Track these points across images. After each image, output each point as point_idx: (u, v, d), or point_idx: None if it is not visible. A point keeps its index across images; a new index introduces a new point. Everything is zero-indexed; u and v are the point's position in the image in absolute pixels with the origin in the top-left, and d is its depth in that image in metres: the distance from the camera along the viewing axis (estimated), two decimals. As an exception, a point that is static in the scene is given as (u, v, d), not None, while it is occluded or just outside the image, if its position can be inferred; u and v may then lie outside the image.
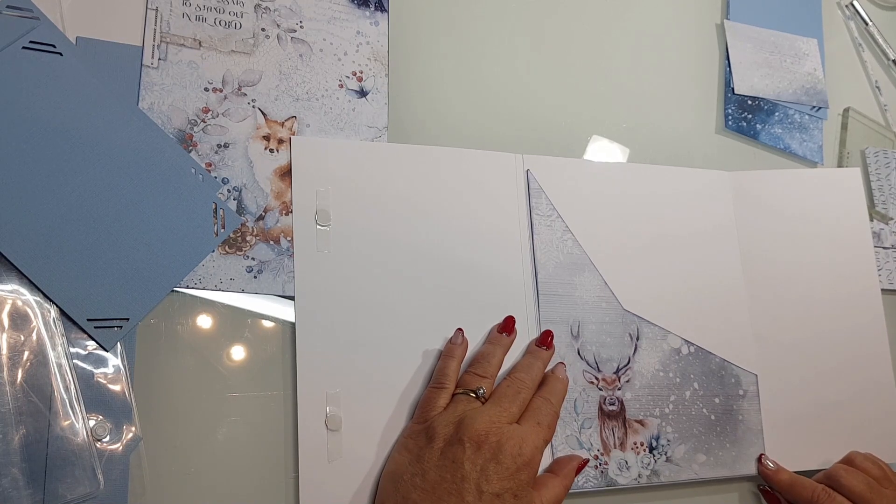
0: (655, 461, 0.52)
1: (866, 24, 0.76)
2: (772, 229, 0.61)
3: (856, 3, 0.76)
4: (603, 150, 0.60)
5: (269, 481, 0.44)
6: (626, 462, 0.51)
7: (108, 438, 0.41)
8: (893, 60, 0.76)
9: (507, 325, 0.50)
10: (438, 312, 0.50)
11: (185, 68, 0.48)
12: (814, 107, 0.69)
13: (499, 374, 0.48)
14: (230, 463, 0.44)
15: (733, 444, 0.54)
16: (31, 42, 0.44)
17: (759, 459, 0.54)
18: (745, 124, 0.66)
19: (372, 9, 0.54)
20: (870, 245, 0.62)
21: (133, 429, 0.42)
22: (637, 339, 0.54)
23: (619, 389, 0.52)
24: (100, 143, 0.45)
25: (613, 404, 0.52)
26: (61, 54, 0.45)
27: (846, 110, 0.71)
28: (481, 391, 0.45)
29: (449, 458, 0.41)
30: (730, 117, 0.66)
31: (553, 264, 0.53)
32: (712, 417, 0.54)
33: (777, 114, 0.68)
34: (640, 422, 0.52)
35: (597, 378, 0.52)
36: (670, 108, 0.64)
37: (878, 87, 0.75)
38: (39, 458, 0.39)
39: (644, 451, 0.52)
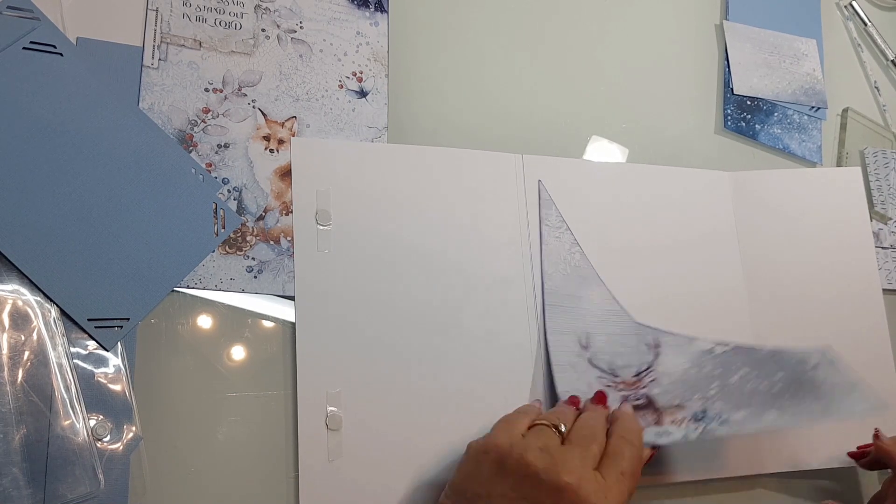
0: (706, 426, 0.45)
1: (865, 24, 0.76)
2: (772, 229, 0.61)
3: (855, 4, 0.76)
4: (603, 150, 0.60)
5: (269, 481, 0.44)
6: (668, 431, 0.45)
7: (108, 438, 0.41)
8: (892, 61, 0.76)
9: (575, 399, 0.47)
10: (438, 313, 0.50)
11: (186, 69, 0.48)
12: (813, 107, 0.69)
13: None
14: (230, 463, 0.44)
15: (817, 399, 0.47)
16: (31, 42, 0.44)
17: (876, 434, 0.53)
18: (744, 124, 0.67)
19: (372, 9, 0.54)
20: (871, 244, 0.62)
21: (133, 428, 0.42)
22: (657, 346, 0.51)
23: (643, 389, 0.48)
24: (100, 143, 0.45)
25: (639, 399, 0.47)
26: (62, 55, 0.45)
27: (845, 110, 0.71)
28: (563, 428, 0.42)
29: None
30: (729, 117, 0.66)
31: (560, 276, 0.52)
32: (774, 390, 0.47)
33: (776, 114, 0.68)
34: (678, 406, 0.47)
35: (615, 382, 0.49)
36: (670, 108, 0.65)
37: (877, 88, 0.75)
38: (40, 458, 0.39)
39: (687, 422, 0.45)
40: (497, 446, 0.41)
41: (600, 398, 0.47)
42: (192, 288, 0.45)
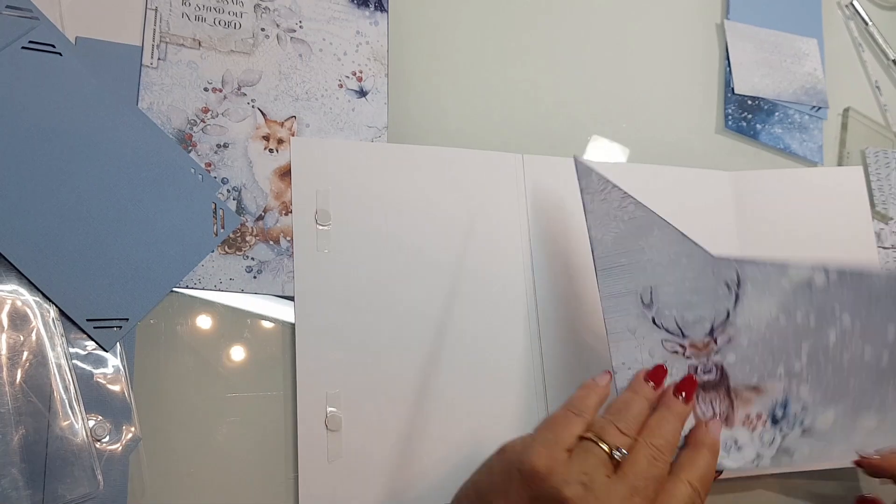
0: (784, 436, 0.38)
1: (866, 23, 0.76)
2: (773, 229, 0.60)
3: (856, 3, 0.76)
4: (603, 150, 0.60)
5: (269, 481, 0.44)
6: (736, 441, 0.39)
7: (107, 439, 0.41)
8: (893, 60, 0.76)
9: (658, 375, 0.40)
10: (438, 313, 0.50)
11: (185, 68, 0.48)
12: (814, 107, 0.69)
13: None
14: (230, 463, 0.44)
15: None
16: (30, 42, 0.44)
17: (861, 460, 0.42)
18: (745, 124, 0.66)
19: (372, 9, 0.54)
20: (873, 244, 0.62)
21: (132, 429, 0.42)
22: (738, 285, 0.41)
23: (716, 354, 0.40)
24: (99, 143, 0.44)
25: (710, 372, 0.40)
26: (61, 54, 0.45)
27: (846, 110, 0.71)
28: (621, 453, 0.36)
29: None
30: (730, 117, 0.66)
31: (611, 236, 0.44)
32: (884, 359, 0.39)
33: (777, 114, 0.68)
34: (755, 388, 0.39)
35: (682, 346, 0.41)
36: (670, 108, 0.64)
37: (877, 87, 0.75)
38: (39, 459, 0.39)
39: (763, 424, 0.39)
40: (532, 467, 0.35)
41: (688, 387, 0.38)
42: (192, 288, 0.45)
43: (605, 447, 0.35)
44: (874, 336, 0.39)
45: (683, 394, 0.38)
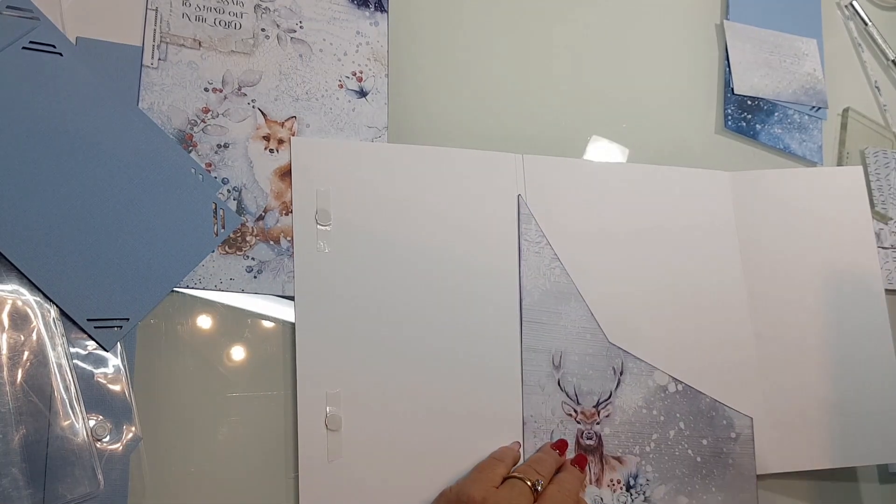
0: (633, 500, 0.50)
1: (866, 24, 0.76)
2: (773, 229, 0.60)
3: (855, 4, 0.76)
4: (603, 150, 0.60)
5: (269, 481, 0.44)
6: (602, 499, 0.50)
7: (108, 438, 0.41)
8: (893, 60, 0.76)
9: (561, 446, 0.50)
10: (438, 312, 0.50)
11: (185, 68, 0.48)
12: (813, 107, 0.69)
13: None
14: (230, 463, 0.44)
15: (720, 488, 0.53)
16: (31, 42, 0.44)
17: None
18: (744, 124, 0.66)
19: (372, 9, 0.54)
20: (873, 244, 0.62)
21: (133, 429, 0.42)
22: (621, 373, 0.52)
23: (597, 424, 0.51)
24: (100, 143, 0.45)
25: (591, 439, 0.51)
26: (61, 54, 0.45)
27: (845, 110, 0.71)
28: (540, 485, 0.45)
29: None
30: (729, 117, 0.66)
31: (539, 292, 0.52)
32: (698, 459, 0.53)
33: (777, 114, 0.68)
34: (619, 459, 0.51)
35: (575, 411, 0.51)
36: (670, 109, 0.64)
37: (877, 87, 0.75)
38: (39, 458, 0.39)
39: (621, 489, 0.50)
40: (470, 498, 0.43)
41: (581, 461, 0.50)
42: (192, 288, 0.45)
43: (528, 482, 0.45)
44: (695, 442, 0.53)
45: (577, 465, 0.49)
